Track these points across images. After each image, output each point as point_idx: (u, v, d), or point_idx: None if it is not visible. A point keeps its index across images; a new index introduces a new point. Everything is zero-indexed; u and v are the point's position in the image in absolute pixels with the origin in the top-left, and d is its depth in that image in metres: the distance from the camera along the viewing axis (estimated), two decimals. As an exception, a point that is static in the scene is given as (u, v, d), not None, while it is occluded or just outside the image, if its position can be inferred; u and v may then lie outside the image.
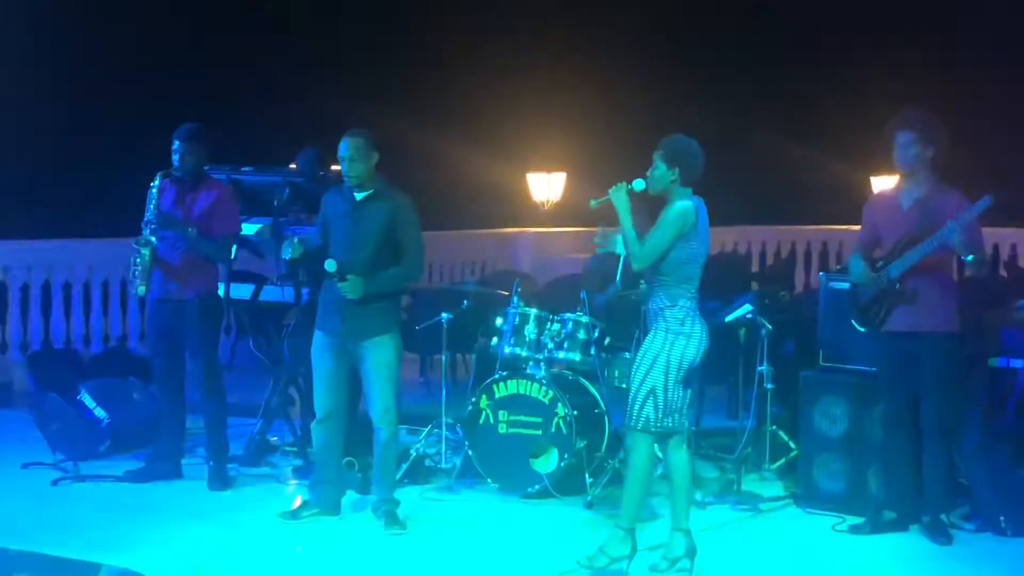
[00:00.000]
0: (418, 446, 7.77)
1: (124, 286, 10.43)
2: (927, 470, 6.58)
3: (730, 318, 7.88)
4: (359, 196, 6.64)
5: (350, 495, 7.05)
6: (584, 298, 7.66)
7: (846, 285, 6.88)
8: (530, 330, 7.47)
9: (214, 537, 6.52)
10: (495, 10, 16.22)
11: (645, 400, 5.78)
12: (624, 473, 6.06)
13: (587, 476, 7.24)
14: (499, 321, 7.61)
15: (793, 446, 7.63)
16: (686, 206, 5.86)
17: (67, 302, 10.97)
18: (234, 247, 7.69)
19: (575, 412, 7.26)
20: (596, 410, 7.51)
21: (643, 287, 6.19)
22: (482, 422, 7.40)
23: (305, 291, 7.76)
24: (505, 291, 7.97)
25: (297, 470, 7.68)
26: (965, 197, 6.40)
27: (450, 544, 6.49)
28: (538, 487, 7.11)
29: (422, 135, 14.66)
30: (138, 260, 7.29)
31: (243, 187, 8.09)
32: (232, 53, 14.40)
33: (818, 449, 7.21)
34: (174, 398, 7.62)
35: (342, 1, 15.94)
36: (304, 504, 6.89)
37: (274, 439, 8.21)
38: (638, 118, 14.76)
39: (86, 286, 11.04)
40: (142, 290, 7.35)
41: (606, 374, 7.60)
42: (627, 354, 7.47)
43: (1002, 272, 13.30)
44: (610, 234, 6.17)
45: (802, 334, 7.97)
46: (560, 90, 16.00)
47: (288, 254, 6.58)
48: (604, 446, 7.44)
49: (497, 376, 7.43)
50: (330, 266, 6.49)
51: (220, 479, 7.48)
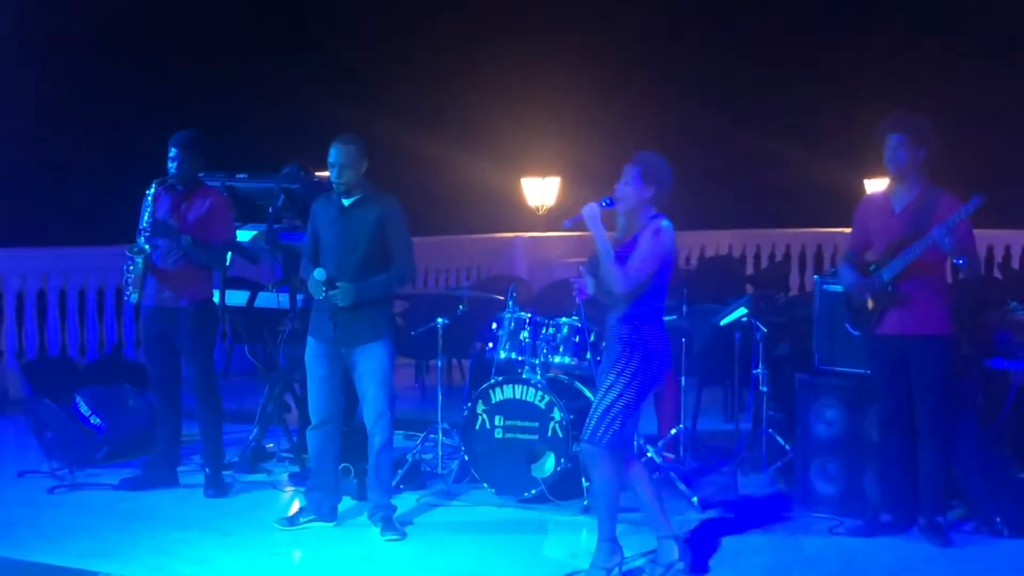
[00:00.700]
0: (414, 451, 7.77)
1: (119, 293, 10.43)
2: (923, 472, 6.56)
3: (726, 321, 7.98)
4: (347, 202, 6.64)
5: (347, 501, 7.04)
6: (579, 303, 7.64)
7: (841, 288, 6.87)
8: (525, 335, 7.44)
9: (211, 544, 6.50)
10: (488, 17, 16.27)
11: (617, 417, 5.75)
12: (592, 489, 6.10)
13: (584, 480, 7.16)
14: (494, 326, 7.60)
15: (789, 449, 7.59)
16: (667, 227, 5.81)
17: (62, 309, 10.95)
18: (229, 254, 7.64)
19: (571, 416, 7.22)
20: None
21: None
22: (478, 427, 7.38)
23: (300, 298, 7.73)
24: (500, 296, 7.94)
25: (293, 476, 7.68)
26: (956, 198, 6.38)
27: (447, 549, 6.47)
28: (535, 491, 7.07)
29: (418, 141, 14.75)
30: (131, 268, 7.31)
31: (238, 194, 8.10)
32: (228, 57, 14.47)
33: (814, 452, 7.19)
34: (170, 405, 7.61)
35: (338, 9, 15.98)
36: (301, 510, 6.88)
37: (270, 445, 8.19)
38: (631, 123, 14.79)
39: (81, 293, 11.06)
40: (135, 297, 7.37)
41: (601, 379, 7.51)
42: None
43: (996, 274, 13.31)
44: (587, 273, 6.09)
45: (797, 337, 8.05)
46: (554, 95, 16.07)
47: (317, 285, 6.50)
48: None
49: (493, 381, 7.40)
50: (320, 274, 6.50)
51: (216, 486, 7.47)
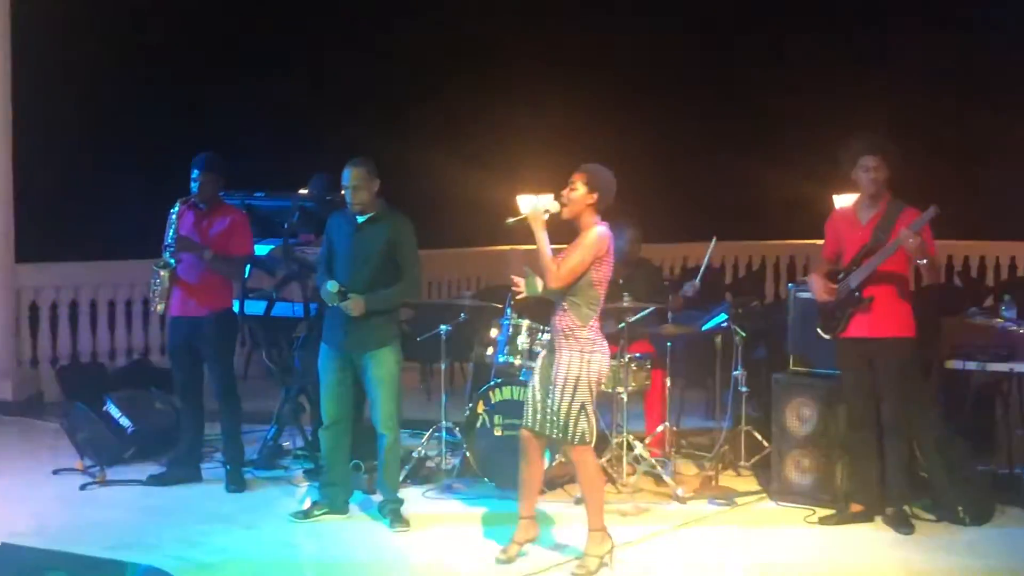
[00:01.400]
0: (420, 449, 7.78)
1: (146, 304, 10.42)
2: (889, 465, 6.61)
3: (707, 326, 7.94)
4: (361, 219, 6.64)
5: (357, 495, 7.03)
6: (509, 301, 7.68)
7: (812, 294, 6.87)
8: (522, 340, 7.42)
9: (232, 536, 6.50)
10: (488, 42, 16.22)
11: (578, 417, 5.81)
12: (578, 477, 6.09)
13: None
14: (494, 332, 7.61)
15: (766, 444, 7.61)
16: (604, 231, 5.86)
17: (93, 319, 10.96)
18: (248, 267, 7.69)
19: None
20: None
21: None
22: (479, 426, 7.39)
23: (313, 306, 7.75)
24: (499, 304, 7.92)
25: (308, 473, 7.66)
26: (916, 210, 6.45)
27: (451, 539, 6.47)
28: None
29: (423, 160, 14.65)
30: (158, 281, 7.32)
31: (256, 211, 8.09)
32: (245, 85, 14.47)
33: (789, 447, 7.22)
34: (193, 407, 7.60)
35: (349, 35, 15.94)
36: (314, 504, 6.89)
37: (286, 444, 8.19)
38: (615, 139, 14.77)
39: (111, 304, 11.04)
40: (161, 308, 7.41)
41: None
42: (613, 361, 7.46)
43: (956, 282, 13.37)
44: (529, 275, 6.15)
45: (773, 341, 8.01)
46: (546, 116, 15.96)
47: (330, 295, 6.56)
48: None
49: (492, 383, 7.42)
50: (332, 286, 6.51)
51: (237, 482, 7.47)
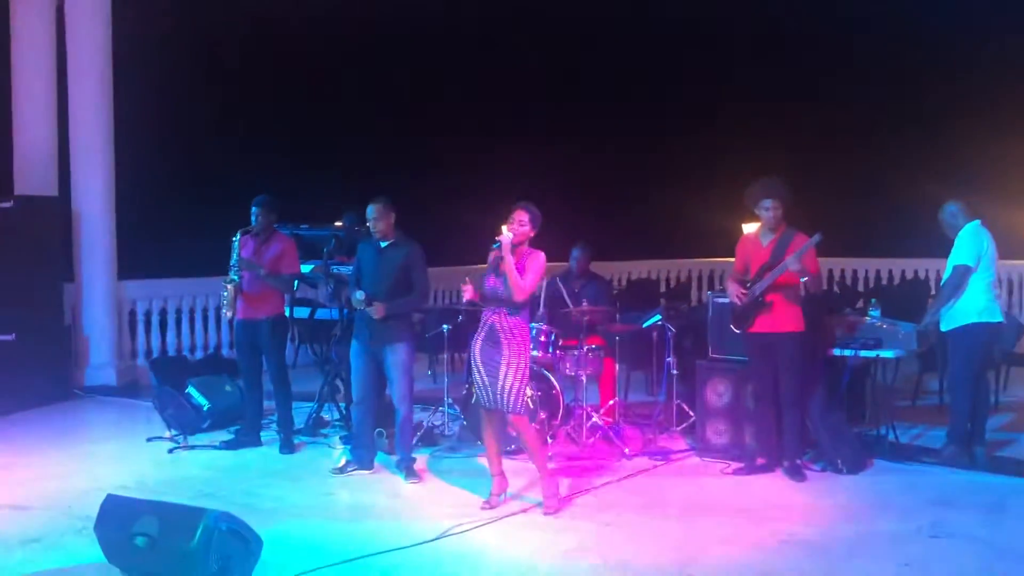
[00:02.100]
0: (428, 419, 7.78)
1: (218, 311, 10.43)
2: (786, 429, 6.64)
3: (646, 324, 7.93)
4: (383, 244, 6.67)
5: (380, 455, 7.04)
6: (541, 312, 7.71)
7: (726, 300, 6.93)
8: None
9: (284, 487, 6.53)
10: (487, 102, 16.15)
11: (519, 394, 5.84)
12: (523, 441, 6.10)
13: (548, 438, 7.25)
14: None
15: (692, 413, 7.64)
16: (544, 256, 5.92)
17: (178, 322, 10.96)
18: (296, 282, 7.70)
19: (539, 393, 7.26)
20: (553, 391, 7.50)
21: None
22: (473, 401, 7.26)
23: (346, 312, 7.76)
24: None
25: (343, 438, 7.67)
26: (805, 236, 6.48)
27: (453, 488, 6.49)
28: (513, 447, 7.07)
29: (430, 195, 14.61)
30: (226, 293, 7.35)
31: (302, 239, 8.10)
32: (297, 139, 14.54)
33: (709, 415, 7.27)
34: (254, 389, 7.62)
35: (379, 85, 15.87)
36: (348, 462, 6.91)
37: (326, 417, 8.19)
38: (568, 172, 14.74)
39: (191, 311, 11.03)
40: (229, 314, 7.43)
41: (559, 366, 7.61)
42: (574, 351, 7.51)
43: (835, 289, 13.45)
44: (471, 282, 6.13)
45: (697, 335, 8.00)
46: (524, 152, 15.83)
47: (358, 302, 6.58)
48: (560, 416, 7.43)
49: None
50: (360, 295, 6.57)
51: (288, 446, 7.49)
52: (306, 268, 7.84)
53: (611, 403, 7.92)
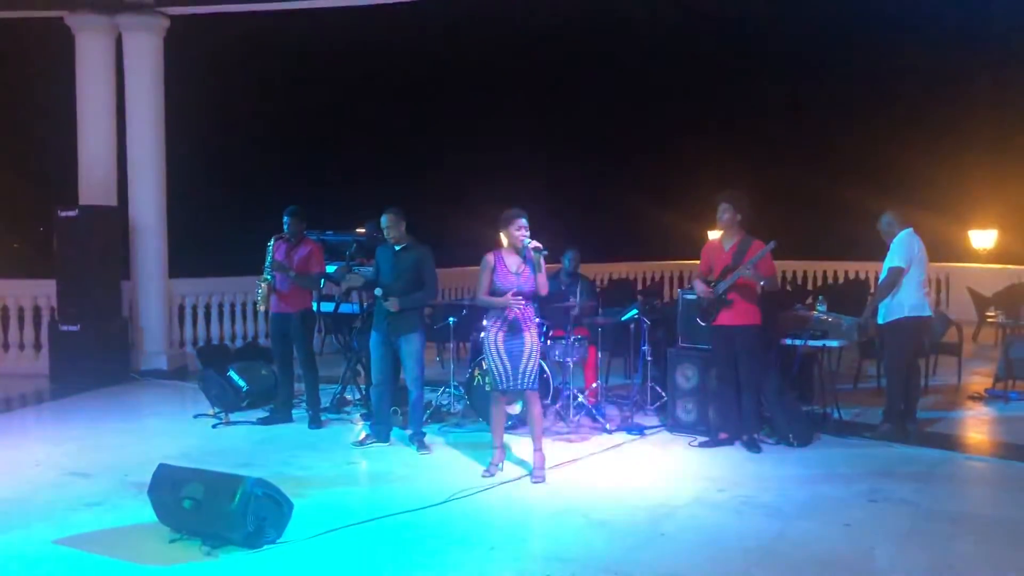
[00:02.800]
0: (436, 399, 7.77)
1: (254, 306, 10.36)
2: (744, 407, 6.63)
3: (625, 318, 7.90)
4: (397, 248, 6.65)
5: (396, 430, 7.04)
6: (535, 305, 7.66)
7: (693, 296, 6.91)
8: None
9: (313, 458, 6.51)
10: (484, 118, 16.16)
11: (538, 372, 5.85)
12: (531, 413, 5.93)
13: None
14: (485, 322, 7.55)
15: (664, 394, 7.63)
16: None
17: (220, 315, 10.95)
18: (322, 281, 7.67)
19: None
20: (544, 375, 7.46)
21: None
22: (475, 384, 7.37)
23: (366, 306, 7.75)
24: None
25: (363, 416, 7.66)
26: (761, 242, 6.47)
27: (457, 459, 6.48)
28: (511, 422, 7.01)
29: (432, 207, 14.64)
30: (261, 290, 7.34)
31: (327, 243, 8.10)
32: (327, 158, 14.55)
33: (679, 396, 7.25)
34: (287, 373, 7.61)
35: (390, 111, 15.91)
36: (367, 436, 6.90)
37: (349, 397, 8.18)
38: (561, 183, 14.74)
39: (232, 305, 11.02)
40: (263, 308, 7.42)
41: (549, 353, 7.59)
42: (563, 340, 7.49)
43: (787, 287, 13.45)
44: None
45: (668, 327, 7.99)
46: (509, 171, 15.82)
47: (350, 282, 6.63)
48: (550, 397, 7.41)
49: (483, 356, 7.31)
50: (378, 292, 6.57)
51: (316, 422, 7.47)
52: (331, 268, 7.82)
53: (594, 386, 7.90)
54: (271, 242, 7.38)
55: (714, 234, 7.71)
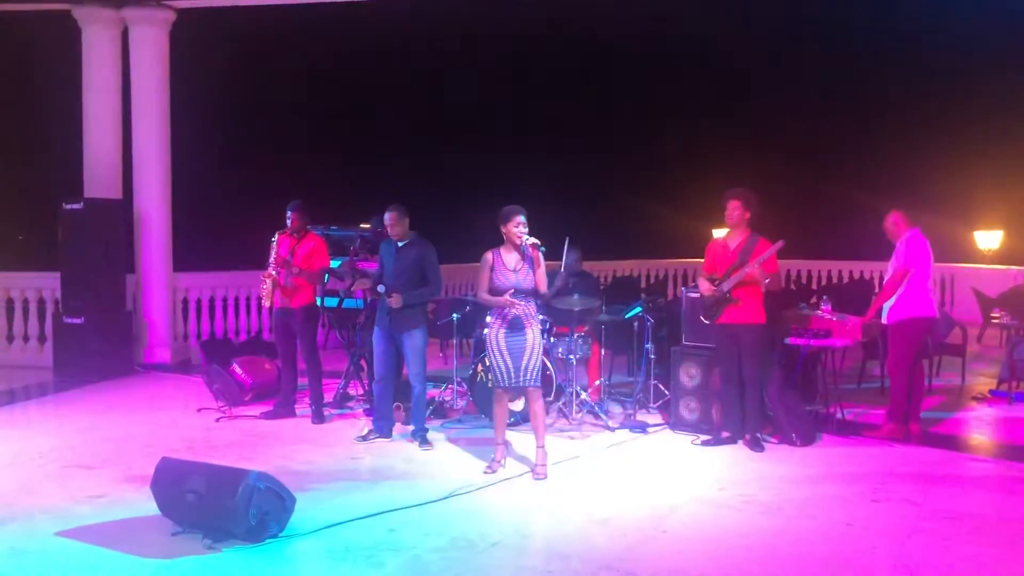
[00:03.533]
0: (439, 395, 7.78)
1: (258, 300, 10.41)
2: (748, 406, 6.62)
3: (628, 315, 7.90)
4: (400, 244, 6.65)
5: (398, 426, 7.05)
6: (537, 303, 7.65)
7: (697, 295, 6.90)
8: None
9: (315, 452, 6.52)
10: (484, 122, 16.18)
11: (540, 369, 5.85)
12: (533, 410, 5.91)
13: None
14: (488, 319, 7.56)
15: (667, 392, 7.63)
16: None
17: (224, 309, 10.96)
18: (326, 276, 7.67)
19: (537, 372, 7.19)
20: (547, 372, 7.44)
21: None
22: (478, 380, 7.37)
23: (369, 301, 7.74)
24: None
25: (366, 411, 7.67)
26: (768, 241, 6.46)
27: (459, 455, 6.49)
28: (513, 419, 7.03)
29: (436, 202, 14.64)
30: (265, 285, 7.34)
31: (331, 238, 8.08)
32: (330, 154, 14.55)
33: (682, 394, 7.24)
34: (290, 367, 7.61)
35: (394, 110, 15.93)
36: (370, 431, 6.90)
37: (352, 392, 8.19)
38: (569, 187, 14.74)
39: (236, 299, 11.03)
40: (267, 303, 7.40)
41: (552, 351, 7.59)
42: (567, 337, 7.48)
43: (792, 287, 13.44)
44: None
45: (672, 324, 7.98)
46: (525, 165, 15.83)
47: (359, 284, 6.58)
48: (552, 394, 7.41)
49: (485, 353, 7.31)
50: (381, 288, 6.56)
51: (319, 417, 7.47)
52: (335, 263, 7.82)
53: (597, 383, 7.91)
54: (275, 237, 7.37)
55: (719, 232, 7.69)
